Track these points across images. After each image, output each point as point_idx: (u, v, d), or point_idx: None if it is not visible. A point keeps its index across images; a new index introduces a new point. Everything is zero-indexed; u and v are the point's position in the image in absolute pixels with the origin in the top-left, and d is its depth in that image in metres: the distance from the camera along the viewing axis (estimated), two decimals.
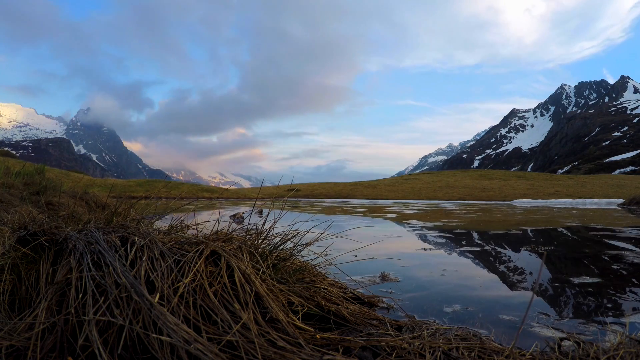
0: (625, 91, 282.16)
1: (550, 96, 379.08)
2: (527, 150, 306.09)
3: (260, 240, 1.60)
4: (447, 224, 6.72)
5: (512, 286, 2.27)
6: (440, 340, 1.21)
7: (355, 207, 14.63)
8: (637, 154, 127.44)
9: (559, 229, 5.87)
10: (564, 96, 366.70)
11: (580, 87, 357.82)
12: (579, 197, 30.36)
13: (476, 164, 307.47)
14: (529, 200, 30.68)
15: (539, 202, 25.29)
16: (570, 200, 27.78)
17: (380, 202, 25.73)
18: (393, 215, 9.57)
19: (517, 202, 26.22)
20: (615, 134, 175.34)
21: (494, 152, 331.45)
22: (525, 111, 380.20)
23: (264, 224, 1.65)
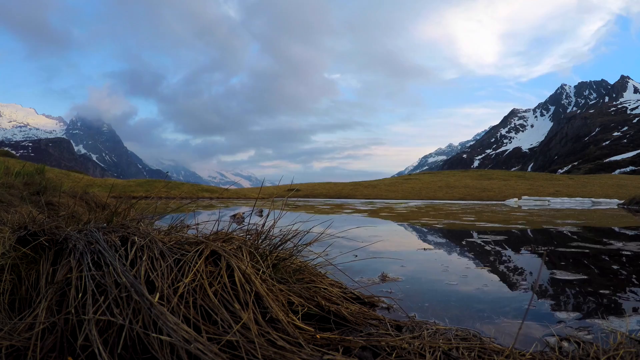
0: (625, 91, 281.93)
1: (550, 96, 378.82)
2: (527, 150, 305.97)
3: (260, 241, 1.60)
4: (387, 215, 9.43)
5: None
6: (440, 340, 1.21)
7: (324, 205, 16.67)
8: (637, 154, 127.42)
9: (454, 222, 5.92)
10: (564, 96, 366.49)
11: (580, 87, 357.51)
12: (579, 197, 30.39)
13: (476, 164, 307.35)
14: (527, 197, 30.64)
15: (538, 202, 25.31)
16: (567, 199, 27.80)
17: (359, 200, 27.88)
18: (351, 210, 12.23)
19: (519, 202, 26.24)
20: (615, 134, 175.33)
21: (494, 152, 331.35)
22: (525, 111, 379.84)
23: (264, 224, 1.66)
